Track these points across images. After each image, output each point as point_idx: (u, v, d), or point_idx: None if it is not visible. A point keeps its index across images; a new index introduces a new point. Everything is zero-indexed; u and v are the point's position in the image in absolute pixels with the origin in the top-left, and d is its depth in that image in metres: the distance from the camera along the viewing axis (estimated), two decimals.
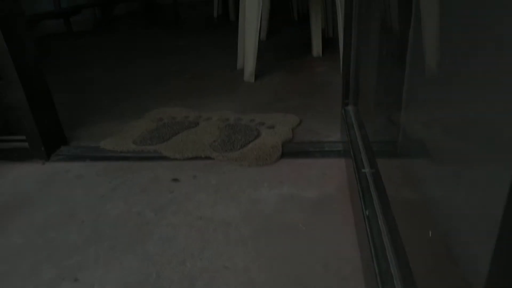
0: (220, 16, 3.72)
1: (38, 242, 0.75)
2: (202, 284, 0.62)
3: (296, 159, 0.98)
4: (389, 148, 0.84)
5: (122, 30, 3.45)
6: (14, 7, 1.01)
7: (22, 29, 1.04)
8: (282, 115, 1.26)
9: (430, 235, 0.49)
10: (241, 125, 1.20)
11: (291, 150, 1.02)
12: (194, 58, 2.15)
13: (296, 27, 2.87)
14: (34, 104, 1.05)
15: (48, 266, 0.69)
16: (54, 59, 2.40)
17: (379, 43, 1.01)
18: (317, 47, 1.96)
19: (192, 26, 3.35)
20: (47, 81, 1.13)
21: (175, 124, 1.25)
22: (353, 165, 0.73)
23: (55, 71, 2.06)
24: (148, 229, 0.76)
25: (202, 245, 0.71)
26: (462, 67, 0.51)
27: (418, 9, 0.88)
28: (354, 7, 0.91)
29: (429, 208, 0.56)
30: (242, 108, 1.37)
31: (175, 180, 0.94)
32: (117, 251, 0.71)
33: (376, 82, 1.09)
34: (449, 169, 0.52)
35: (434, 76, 0.91)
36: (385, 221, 0.55)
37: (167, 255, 0.69)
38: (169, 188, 0.90)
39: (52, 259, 0.70)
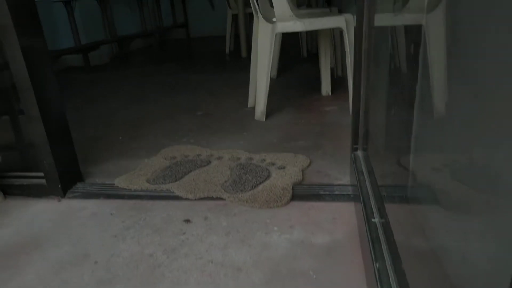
0: (232, 52, 3.85)
1: (52, 283, 0.76)
2: None
3: (306, 202, 1.00)
4: (399, 194, 0.85)
5: (137, 64, 3.58)
6: (39, 44, 1.07)
7: (46, 66, 1.09)
8: (292, 155, 1.28)
9: None
10: (252, 165, 1.22)
11: (301, 193, 1.03)
12: (206, 95, 2.21)
13: (305, 64, 2.95)
14: (53, 140, 1.10)
15: None
16: (71, 93, 2.49)
17: (387, 86, 1.05)
18: (326, 86, 2.01)
19: (205, 61, 3.47)
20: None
21: (187, 163, 1.28)
22: (363, 213, 0.74)
23: (72, 105, 2.14)
24: (160, 272, 0.77)
25: None
26: (470, 109, 0.53)
27: (426, 52, 0.92)
28: (363, 52, 0.95)
29: (440, 259, 0.56)
30: (253, 147, 1.40)
31: (187, 221, 0.95)
32: None
33: (385, 126, 1.12)
34: (460, 216, 0.52)
35: (443, 119, 0.93)
36: (395, 275, 0.56)
37: None
38: (181, 229, 0.92)
39: None
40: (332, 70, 2.31)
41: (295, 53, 3.47)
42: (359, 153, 1.00)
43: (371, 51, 0.93)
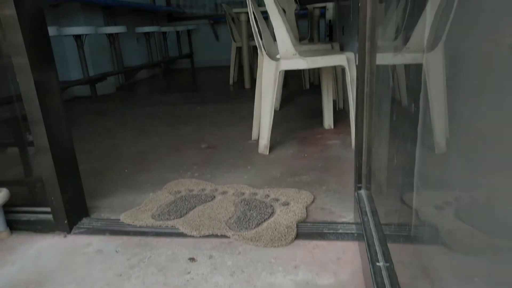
0: (235, 83, 3.94)
1: None
2: None
3: (311, 241, 1.00)
4: (403, 233, 0.86)
5: (142, 94, 3.65)
6: (51, 79, 1.11)
7: (57, 100, 1.13)
8: (296, 191, 1.30)
9: None
10: (256, 200, 1.24)
11: (306, 231, 1.04)
12: (210, 127, 2.25)
13: (307, 96, 3.01)
14: (61, 173, 1.11)
15: None
16: (78, 124, 2.54)
17: (389, 124, 1.08)
18: (328, 120, 2.05)
19: (209, 92, 3.54)
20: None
21: (192, 197, 1.29)
22: (367, 256, 0.75)
23: (78, 136, 2.18)
24: None
25: None
26: (470, 145, 0.54)
27: (426, 89, 0.95)
28: (365, 95, 0.98)
29: None
30: (256, 181, 1.41)
31: (192, 259, 0.96)
32: None
33: (388, 163, 1.14)
34: (464, 257, 0.53)
35: (444, 155, 0.95)
36: None
37: None
38: (186, 268, 0.92)
39: None
40: (334, 102, 2.35)
41: (298, 84, 3.54)
42: (363, 192, 1.01)
43: (373, 90, 0.97)
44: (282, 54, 1.61)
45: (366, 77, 0.88)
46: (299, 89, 3.34)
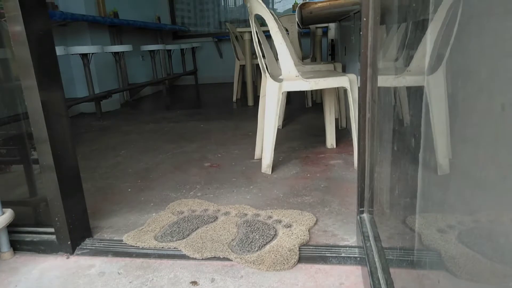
0: (238, 100, 3.98)
1: None
2: None
3: (313, 265, 1.00)
4: (406, 258, 0.86)
5: (146, 111, 3.69)
6: (58, 99, 1.13)
7: (63, 119, 1.14)
8: (298, 212, 1.30)
9: None
10: (258, 222, 1.24)
11: (308, 255, 1.04)
12: (213, 145, 2.27)
13: (310, 114, 3.03)
14: (65, 192, 1.12)
15: None
16: (83, 141, 2.56)
17: (392, 147, 1.08)
18: (331, 139, 2.06)
19: (212, 109, 3.57)
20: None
21: (194, 218, 1.29)
22: (370, 283, 0.75)
23: (83, 153, 2.19)
24: None
25: None
26: (473, 166, 0.55)
27: (428, 111, 0.96)
28: (367, 121, 1.00)
29: None
30: (259, 201, 1.42)
31: (194, 283, 0.95)
32: None
33: (391, 186, 1.14)
34: (468, 283, 0.52)
35: (447, 177, 0.95)
36: None
37: None
38: None
39: None
40: (336, 120, 2.37)
41: (300, 102, 3.57)
42: (365, 216, 1.02)
43: (375, 116, 0.98)
44: (285, 76, 1.63)
45: (367, 103, 0.90)
46: (301, 107, 3.36)
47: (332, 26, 3.48)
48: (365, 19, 0.85)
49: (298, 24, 1.76)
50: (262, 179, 1.66)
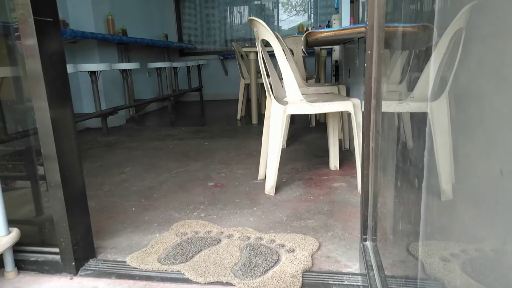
0: (243, 118, 4.01)
1: None
2: None
3: None
4: (409, 287, 0.86)
5: (151, 127, 3.73)
6: (67, 118, 1.15)
7: (71, 138, 1.16)
8: (301, 237, 1.30)
9: None
10: (261, 246, 1.24)
11: (311, 281, 1.04)
12: (217, 164, 2.28)
13: (313, 134, 3.05)
14: (71, 212, 1.13)
15: None
16: (88, 157, 2.59)
17: (395, 173, 1.09)
18: (334, 161, 2.07)
19: (217, 126, 3.60)
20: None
21: (198, 240, 1.30)
22: None
23: (88, 170, 2.21)
24: None
25: None
26: (477, 192, 0.55)
27: (432, 138, 0.97)
28: (370, 151, 1.01)
29: None
30: (262, 224, 1.42)
31: None
32: None
33: (394, 212, 1.15)
34: None
35: (450, 203, 0.96)
36: None
37: None
38: None
39: None
40: (339, 141, 2.38)
41: (304, 122, 3.60)
42: (368, 244, 1.02)
43: (378, 146, 1.00)
44: (290, 99, 1.66)
45: (371, 133, 0.91)
46: (305, 126, 3.38)
47: (336, 47, 3.54)
48: (369, 52, 0.88)
49: (303, 51, 1.79)
50: (265, 201, 1.67)
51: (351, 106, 1.62)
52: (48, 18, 1.01)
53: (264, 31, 1.57)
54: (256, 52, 3.13)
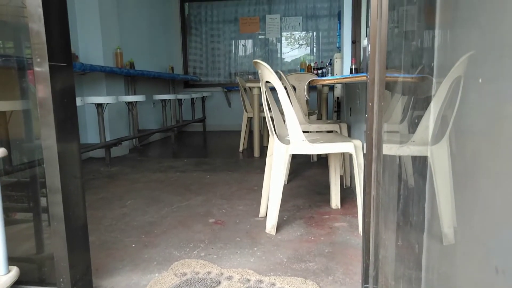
0: (245, 150, 4.04)
1: None
2: None
3: None
4: None
5: (153, 158, 3.75)
6: (74, 152, 1.17)
7: (76, 171, 1.18)
8: (302, 281, 1.29)
9: None
10: None
11: None
12: (218, 199, 2.28)
13: (315, 169, 3.06)
14: (72, 248, 1.13)
15: None
16: (90, 188, 2.60)
17: (397, 217, 1.10)
18: (336, 200, 2.07)
19: (219, 159, 3.62)
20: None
21: (197, 282, 1.29)
22: None
23: (88, 202, 2.22)
24: None
25: None
26: (479, 235, 0.55)
27: (433, 181, 0.98)
28: (371, 199, 1.02)
29: None
30: (262, 266, 1.41)
31: None
32: None
33: (396, 257, 1.14)
34: None
35: (452, 248, 0.96)
36: None
37: None
38: None
39: None
40: (340, 177, 2.39)
41: (306, 156, 3.62)
42: None
43: (379, 196, 1.01)
44: (292, 140, 1.69)
45: (372, 183, 0.93)
46: (307, 161, 3.40)
47: (338, 85, 3.62)
48: (370, 104, 0.91)
49: (306, 97, 1.84)
50: (266, 240, 1.66)
51: (353, 147, 1.64)
52: (62, 63, 1.05)
53: (268, 74, 1.62)
54: (259, 87, 3.21)
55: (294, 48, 5.82)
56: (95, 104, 2.93)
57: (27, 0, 0.97)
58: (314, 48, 5.76)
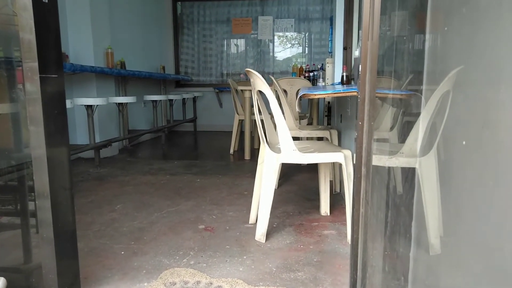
0: (235, 152, 4.04)
1: None
2: None
3: None
4: None
5: (143, 160, 3.73)
6: (63, 157, 1.16)
7: (66, 177, 1.17)
8: None
9: None
10: None
11: None
12: (208, 204, 2.29)
13: (305, 174, 3.08)
14: (61, 256, 1.13)
15: None
16: (78, 192, 2.57)
17: (385, 229, 1.12)
18: (325, 207, 2.09)
19: (209, 161, 3.62)
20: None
21: None
22: None
23: (77, 206, 2.20)
24: None
25: None
26: (465, 245, 0.56)
27: (420, 192, 1.00)
28: (360, 216, 1.04)
29: None
30: (251, 275, 1.42)
31: None
32: None
33: (382, 267, 1.16)
34: None
35: (438, 258, 0.98)
36: None
37: None
38: None
39: None
40: (330, 182, 2.42)
41: None
42: None
43: (368, 213, 1.03)
44: (283, 149, 1.70)
45: (361, 200, 0.95)
46: (297, 166, 3.42)
47: None
48: (360, 123, 0.92)
49: (298, 110, 1.86)
50: (255, 248, 1.67)
51: (343, 157, 1.66)
52: (53, 75, 1.04)
53: (260, 84, 1.63)
54: (251, 90, 3.22)
55: (286, 47, 5.83)
56: (85, 106, 2.90)
57: (18, 11, 0.96)
58: (306, 49, 5.79)
